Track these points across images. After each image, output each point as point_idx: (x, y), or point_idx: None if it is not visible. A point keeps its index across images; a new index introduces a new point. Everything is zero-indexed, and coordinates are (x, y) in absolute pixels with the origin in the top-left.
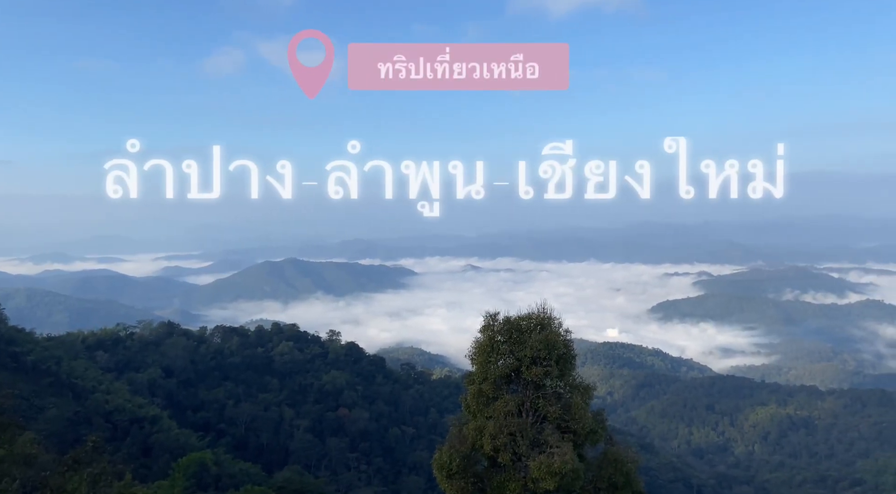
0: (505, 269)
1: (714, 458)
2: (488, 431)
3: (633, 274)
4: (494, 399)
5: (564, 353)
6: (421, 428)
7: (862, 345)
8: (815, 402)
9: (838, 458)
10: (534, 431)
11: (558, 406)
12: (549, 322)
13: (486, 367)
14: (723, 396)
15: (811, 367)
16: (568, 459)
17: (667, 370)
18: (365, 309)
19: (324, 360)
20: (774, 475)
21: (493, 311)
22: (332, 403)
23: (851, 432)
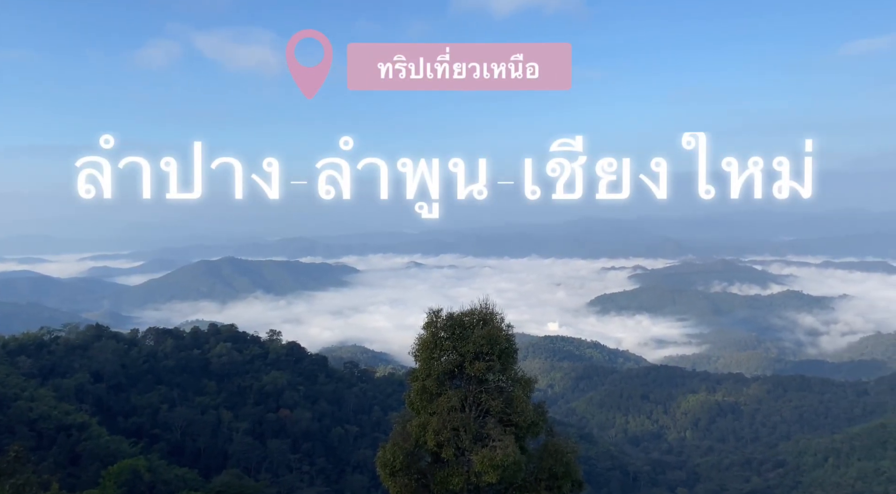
0: (448, 266)
1: (649, 445)
2: (432, 427)
3: (573, 269)
4: (438, 395)
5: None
6: (365, 427)
7: (783, 334)
8: (741, 389)
9: (762, 441)
10: (476, 425)
11: (500, 399)
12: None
13: (429, 364)
14: (657, 385)
15: (737, 355)
16: (510, 452)
17: (605, 361)
18: (306, 308)
19: (264, 361)
20: (704, 459)
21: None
22: (272, 404)
23: (774, 416)
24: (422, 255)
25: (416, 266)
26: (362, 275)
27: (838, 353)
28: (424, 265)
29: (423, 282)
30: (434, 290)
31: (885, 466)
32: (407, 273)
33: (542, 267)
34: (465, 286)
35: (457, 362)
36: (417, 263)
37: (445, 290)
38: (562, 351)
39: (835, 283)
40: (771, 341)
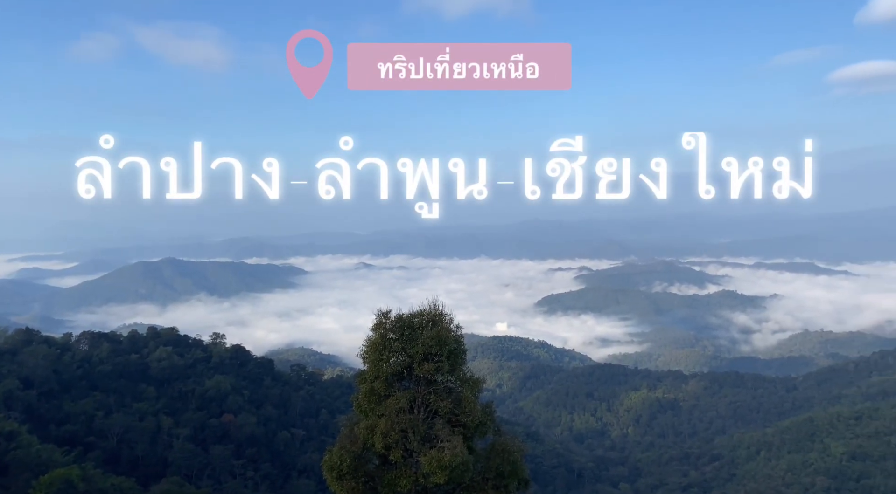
0: (398, 267)
1: (593, 442)
2: (380, 429)
3: (521, 270)
4: (386, 396)
5: (455, 348)
6: (312, 430)
7: (719, 332)
8: (680, 385)
9: (700, 436)
10: (425, 426)
11: (449, 400)
12: (440, 318)
13: (377, 365)
14: (601, 383)
15: (677, 353)
16: (458, 452)
17: (551, 361)
18: (252, 310)
19: (206, 365)
20: (646, 454)
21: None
22: (215, 409)
23: (711, 411)
24: (371, 256)
25: (366, 267)
26: (310, 277)
27: (769, 350)
28: (374, 266)
29: (373, 283)
30: (383, 291)
31: (813, 458)
32: (356, 274)
33: (491, 267)
34: (415, 287)
35: (405, 363)
36: (367, 264)
37: (395, 291)
38: (510, 351)
39: (766, 283)
40: (708, 339)
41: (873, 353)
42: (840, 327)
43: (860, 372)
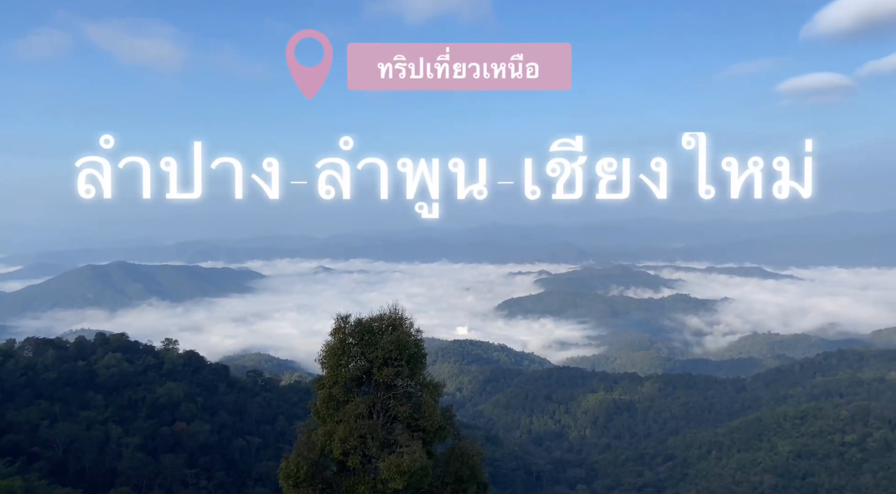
0: (358, 271)
1: (552, 444)
2: (338, 435)
3: (482, 274)
4: (345, 402)
5: (415, 353)
6: (268, 437)
7: (673, 334)
8: (635, 387)
9: (654, 437)
10: (384, 432)
11: (409, 405)
12: (400, 322)
13: (336, 371)
14: (559, 386)
15: (633, 356)
16: (417, 457)
17: (511, 364)
18: (206, 315)
19: (158, 372)
20: (602, 456)
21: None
22: (167, 417)
23: (665, 412)
24: (331, 260)
25: (325, 270)
26: (268, 281)
27: (720, 352)
28: (334, 270)
29: (332, 288)
30: (343, 296)
31: (761, 457)
32: (315, 278)
33: (452, 271)
34: (376, 291)
35: (365, 368)
36: (326, 268)
37: (355, 295)
38: (470, 355)
39: (717, 287)
40: (662, 341)
41: (817, 355)
42: (786, 329)
43: (805, 373)
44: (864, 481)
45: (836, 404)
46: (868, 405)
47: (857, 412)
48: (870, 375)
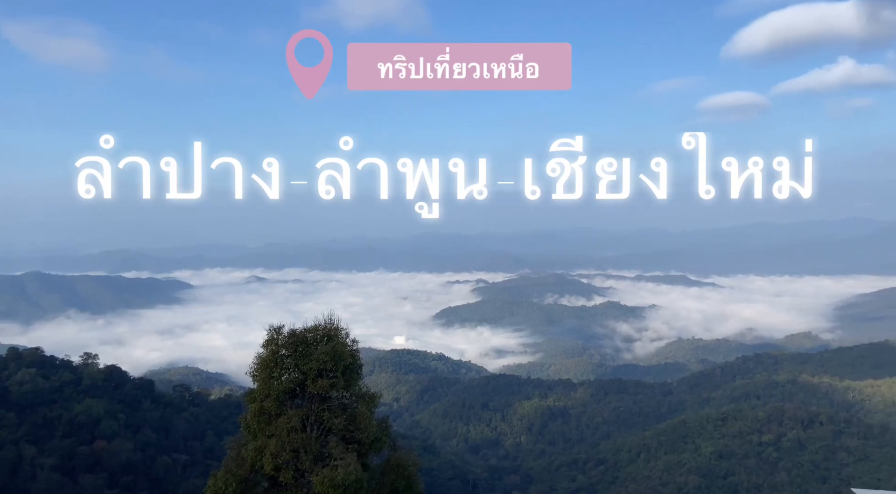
0: (293, 280)
1: (488, 452)
2: (269, 450)
3: (419, 283)
4: (277, 415)
5: (351, 363)
6: (196, 454)
7: (604, 341)
8: (569, 393)
9: (587, 441)
10: (318, 445)
11: (344, 417)
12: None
13: (268, 383)
14: (496, 394)
15: (567, 362)
16: (351, 470)
17: (448, 373)
18: (130, 328)
19: (76, 388)
20: (537, 462)
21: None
22: (86, 436)
23: (597, 417)
24: (264, 269)
25: (258, 280)
26: (197, 291)
27: (648, 357)
28: (267, 279)
29: (266, 298)
30: (277, 306)
31: (686, 458)
32: (247, 288)
33: (390, 280)
34: (311, 301)
35: (298, 380)
36: (259, 277)
37: (290, 306)
38: (408, 364)
39: (646, 295)
40: (594, 348)
41: (736, 359)
42: (709, 335)
43: (725, 377)
44: (780, 479)
45: (754, 405)
46: (782, 406)
47: (773, 413)
48: (783, 377)
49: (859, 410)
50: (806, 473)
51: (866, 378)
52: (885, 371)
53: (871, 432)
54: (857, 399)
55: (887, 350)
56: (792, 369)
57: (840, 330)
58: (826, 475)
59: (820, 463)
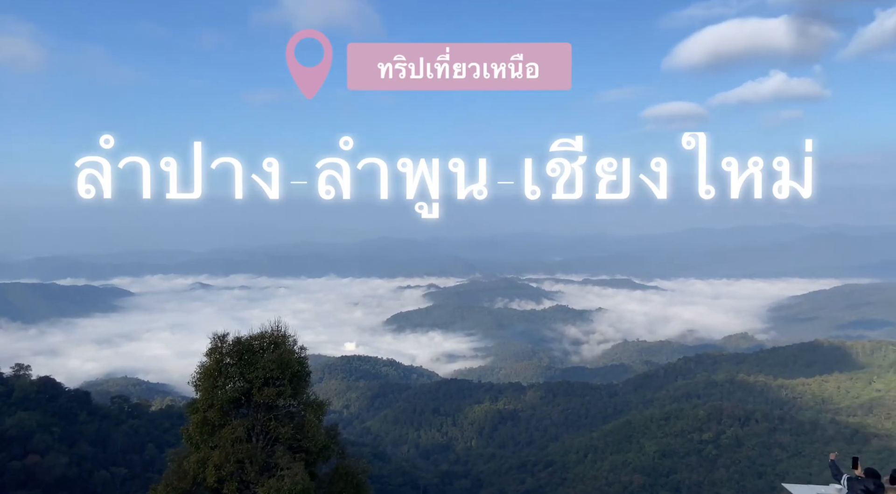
0: (239, 287)
1: (439, 457)
2: (213, 461)
3: (370, 288)
4: (221, 426)
5: (299, 371)
6: (135, 468)
7: (553, 344)
8: (519, 396)
9: (536, 444)
10: (264, 455)
11: (291, 426)
12: (283, 340)
13: (212, 393)
14: (447, 398)
15: (517, 366)
16: (298, 480)
17: (399, 378)
18: (65, 338)
19: (6, 400)
20: (487, 466)
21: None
22: (18, 450)
23: (546, 420)
24: (209, 276)
25: (203, 287)
26: (137, 299)
27: (595, 359)
28: (212, 286)
29: (211, 305)
30: (223, 313)
31: (630, 458)
32: (191, 295)
33: (340, 286)
34: (259, 308)
35: (244, 389)
36: (204, 284)
37: (236, 313)
38: (358, 371)
39: (593, 298)
40: (543, 351)
41: (678, 360)
42: (652, 336)
43: (668, 377)
44: (719, 475)
45: (695, 405)
46: (721, 405)
47: (712, 411)
48: (722, 377)
49: (792, 407)
50: (743, 469)
51: (798, 376)
52: (815, 369)
53: (802, 428)
54: (790, 397)
55: (817, 349)
56: (730, 369)
57: (773, 330)
58: (762, 470)
59: (756, 459)
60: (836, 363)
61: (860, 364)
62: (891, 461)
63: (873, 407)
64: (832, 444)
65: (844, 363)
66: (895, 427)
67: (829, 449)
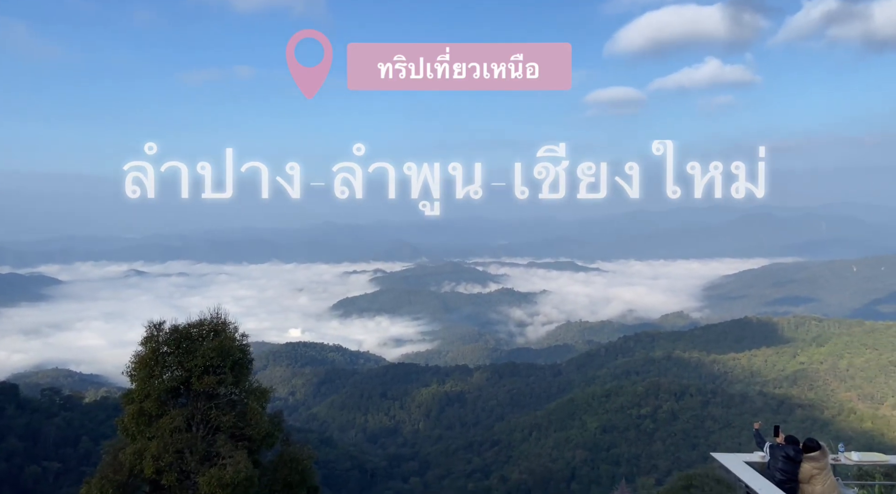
0: (177, 273)
1: (387, 441)
2: (150, 452)
3: (315, 274)
4: (159, 416)
5: (240, 358)
6: (70, 461)
7: (499, 326)
8: (466, 378)
9: (482, 424)
10: (205, 444)
11: (232, 414)
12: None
13: (148, 383)
14: (395, 383)
15: (463, 348)
16: (241, 468)
17: (346, 364)
18: None
19: None
20: (435, 447)
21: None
22: None
23: (492, 400)
24: (144, 262)
25: (138, 274)
26: (66, 287)
27: (540, 340)
28: (148, 273)
29: (147, 293)
30: (160, 301)
31: (573, 434)
32: (126, 282)
33: (284, 272)
34: (198, 295)
35: (182, 378)
36: (139, 271)
37: (174, 301)
38: (304, 357)
39: (537, 281)
40: (490, 334)
41: (619, 339)
42: (594, 317)
43: (609, 356)
44: (656, 448)
45: (634, 381)
46: (658, 381)
47: (650, 387)
48: (659, 354)
49: (723, 381)
50: (678, 441)
51: (729, 352)
52: (745, 345)
53: (733, 401)
54: (722, 371)
55: (746, 325)
56: (666, 346)
57: (707, 308)
58: (695, 442)
59: (690, 432)
60: (764, 338)
61: (786, 338)
62: (813, 429)
63: (797, 379)
64: (759, 415)
65: (772, 338)
66: (817, 397)
67: (756, 420)
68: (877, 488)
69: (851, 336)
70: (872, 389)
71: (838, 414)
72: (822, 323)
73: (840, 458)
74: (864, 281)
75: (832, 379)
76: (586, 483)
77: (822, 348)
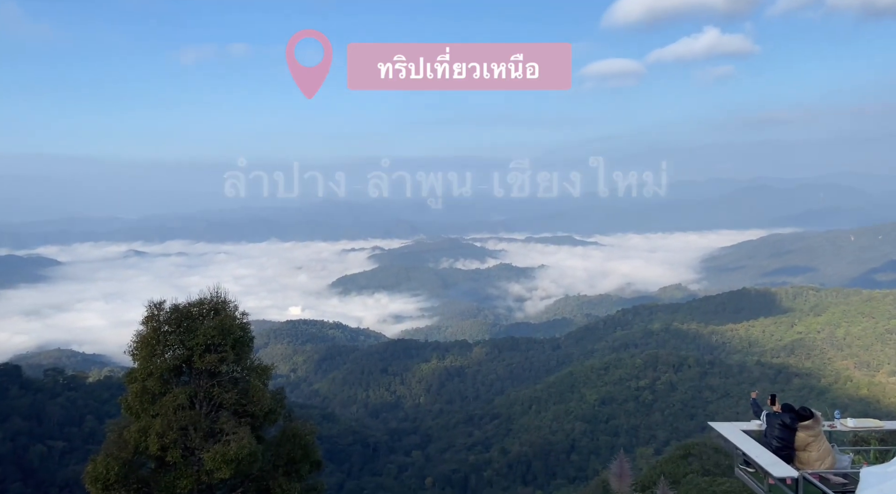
0: (176, 253)
1: (388, 415)
2: (155, 430)
3: (314, 252)
4: (162, 394)
5: (241, 337)
6: (74, 440)
7: (498, 301)
8: (465, 353)
9: (482, 398)
10: (208, 421)
11: (235, 391)
12: (223, 306)
13: (150, 362)
14: (395, 358)
15: (462, 324)
16: (244, 444)
17: (347, 340)
18: None
19: None
20: (436, 421)
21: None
22: None
23: (491, 375)
24: (144, 243)
25: (137, 254)
26: (66, 268)
27: (539, 315)
28: (147, 253)
29: (146, 273)
30: (160, 281)
31: (572, 407)
32: (125, 263)
33: (283, 251)
34: (198, 274)
35: (184, 357)
36: (139, 251)
37: (174, 280)
38: (305, 334)
39: (535, 256)
40: (489, 309)
41: (617, 312)
42: (592, 291)
43: (607, 329)
44: (655, 419)
45: (632, 354)
46: (657, 353)
47: (649, 359)
48: (658, 326)
49: (721, 352)
50: (677, 412)
51: (727, 323)
52: (743, 315)
53: (730, 371)
54: (720, 342)
55: (745, 296)
56: (665, 318)
57: (705, 280)
58: (693, 412)
59: (688, 402)
60: (762, 308)
61: (784, 308)
62: (810, 397)
63: (795, 349)
64: (757, 384)
65: (770, 308)
66: (814, 366)
67: (754, 390)
68: (872, 453)
69: (849, 305)
70: (869, 357)
71: (835, 382)
72: (819, 293)
73: (836, 425)
74: (862, 251)
75: (829, 348)
76: (585, 455)
77: (820, 317)
